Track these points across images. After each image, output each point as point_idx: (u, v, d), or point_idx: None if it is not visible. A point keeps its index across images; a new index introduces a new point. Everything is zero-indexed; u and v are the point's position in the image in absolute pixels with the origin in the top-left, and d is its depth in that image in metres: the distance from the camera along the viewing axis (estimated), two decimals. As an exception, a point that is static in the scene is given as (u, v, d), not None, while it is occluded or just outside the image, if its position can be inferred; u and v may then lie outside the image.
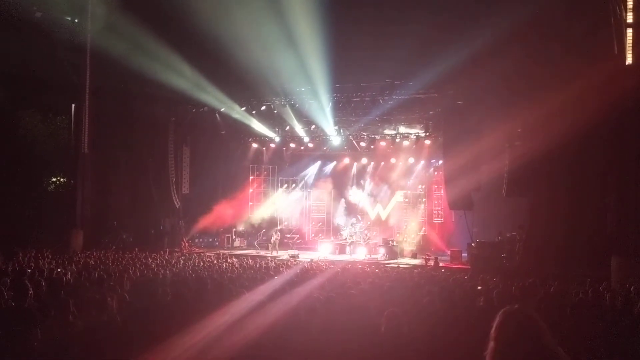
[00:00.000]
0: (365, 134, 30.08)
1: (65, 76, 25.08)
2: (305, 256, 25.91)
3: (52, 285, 9.02)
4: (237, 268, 16.90)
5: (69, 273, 12.34)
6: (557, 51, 19.32)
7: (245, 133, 31.41)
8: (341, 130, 29.89)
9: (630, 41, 17.61)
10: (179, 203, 30.07)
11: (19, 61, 22.50)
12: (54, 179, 29.98)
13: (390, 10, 23.10)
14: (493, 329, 2.92)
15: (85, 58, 24.99)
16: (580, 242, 19.35)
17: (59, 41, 24.72)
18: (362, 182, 32.16)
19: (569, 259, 18.84)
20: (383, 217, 30.91)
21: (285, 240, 30.74)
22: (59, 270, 13.15)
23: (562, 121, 17.78)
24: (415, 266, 22.97)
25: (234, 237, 31.42)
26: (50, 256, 17.77)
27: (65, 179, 29.15)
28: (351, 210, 31.72)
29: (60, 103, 26.90)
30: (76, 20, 25.26)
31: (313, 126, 29.74)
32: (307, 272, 15.13)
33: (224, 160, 31.37)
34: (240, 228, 31.83)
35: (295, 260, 23.42)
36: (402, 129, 29.07)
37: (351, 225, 29.78)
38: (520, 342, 2.81)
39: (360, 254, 27.16)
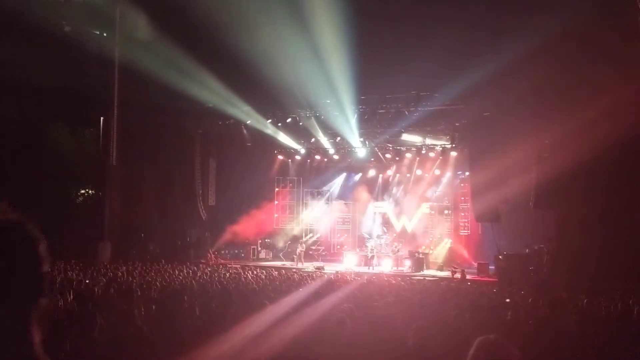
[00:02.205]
0: (390, 145, 30.03)
1: (93, 89, 25.43)
2: (330, 268, 25.84)
3: (81, 296, 9.11)
4: (262, 280, 16.91)
5: (98, 285, 12.44)
6: (587, 63, 19.12)
7: (271, 145, 31.55)
8: (366, 142, 29.89)
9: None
10: (205, 214, 30.28)
11: (49, 75, 22.86)
12: (83, 192, 30.36)
13: (417, 22, 23.09)
14: None
15: (114, 71, 25.35)
16: (609, 255, 19.05)
17: (88, 55, 25.10)
18: (387, 193, 32.04)
19: (599, 272, 18.54)
20: (409, 229, 30.72)
21: (311, 252, 30.71)
22: (87, 281, 13.29)
23: (593, 134, 17.55)
24: (441, 279, 22.78)
25: (259, 248, 31.48)
26: (78, 267, 17.95)
27: (93, 192, 29.52)
28: (377, 222, 31.62)
29: (89, 116, 27.31)
30: (105, 34, 25.66)
31: (338, 138, 29.80)
32: (332, 284, 15.07)
33: (250, 172, 31.48)
34: (266, 240, 31.89)
35: (320, 272, 23.38)
36: (428, 141, 28.99)
37: (377, 237, 29.69)
38: None
39: (386, 266, 27.04)
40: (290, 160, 32.86)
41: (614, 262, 18.78)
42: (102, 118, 26.51)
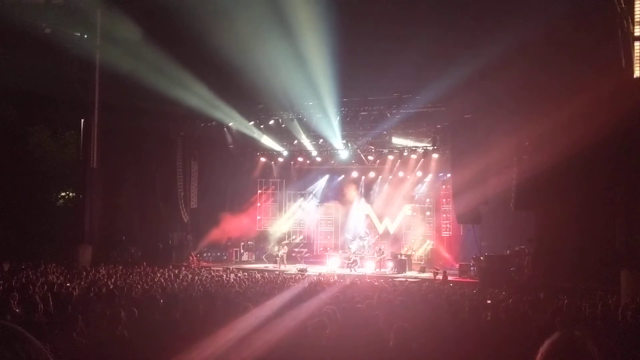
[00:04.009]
0: (373, 147, 30.11)
1: (74, 92, 25.27)
2: (313, 270, 25.83)
3: (60, 300, 9.04)
4: (245, 282, 16.88)
5: (78, 288, 12.36)
6: (564, 64, 19.32)
7: (253, 147, 31.48)
8: (349, 144, 29.91)
9: (638, 55, 17.60)
10: (187, 217, 30.14)
11: (29, 77, 22.68)
12: (63, 194, 30.13)
13: (397, 25, 23.18)
14: (539, 355, 2.46)
15: (94, 73, 25.20)
16: (589, 255, 19.27)
17: (68, 57, 24.93)
18: (370, 195, 32.09)
19: (579, 273, 18.75)
20: (391, 231, 30.80)
21: (294, 255, 30.67)
22: (67, 285, 13.19)
23: (570, 134, 17.74)
24: (423, 280, 22.86)
25: (242, 251, 31.38)
26: (58, 271, 17.81)
27: (74, 194, 29.29)
28: (360, 223, 31.65)
29: (70, 118, 27.09)
30: (85, 36, 25.49)
31: (321, 140, 29.80)
32: (315, 287, 15.08)
33: (232, 174, 31.40)
34: (249, 242, 31.81)
35: (303, 275, 23.35)
36: (410, 143, 29.09)
37: (359, 239, 29.72)
38: None
39: (368, 268, 27.09)
40: (273, 162, 32.77)
41: (590, 262, 19.00)
42: (82, 120, 26.29)
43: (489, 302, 12.12)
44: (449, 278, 22.97)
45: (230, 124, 29.23)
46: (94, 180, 26.27)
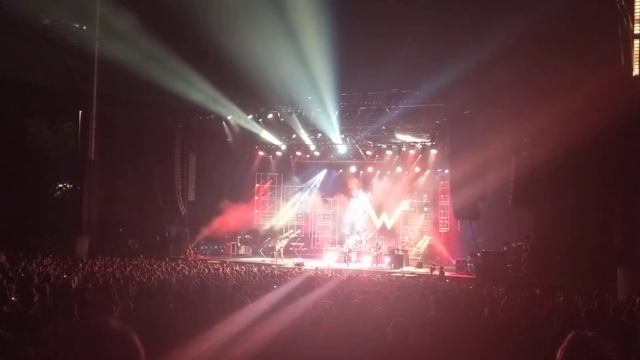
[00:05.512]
0: (371, 142, 30.11)
1: (72, 83, 25.17)
2: (310, 264, 25.85)
3: (57, 291, 9.02)
4: (242, 276, 16.86)
5: (74, 279, 12.34)
6: (563, 61, 19.30)
7: (251, 141, 31.51)
8: (347, 139, 29.92)
9: (638, 52, 17.60)
10: (184, 210, 30.15)
11: (28, 68, 22.59)
12: (61, 185, 30.05)
13: (397, 20, 23.12)
14: (559, 352, 2.56)
15: (93, 65, 25.10)
16: (586, 253, 19.31)
17: (67, 48, 24.82)
18: (368, 190, 32.08)
19: (575, 270, 18.79)
20: (389, 226, 30.81)
21: (291, 249, 30.67)
22: (64, 276, 13.17)
23: (568, 131, 17.76)
24: (420, 275, 22.89)
25: (239, 244, 31.41)
26: (55, 262, 17.79)
27: (71, 186, 29.22)
28: (357, 218, 31.66)
29: (68, 109, 27.02)
30: (84, 27, 25.39)
31: (319, 134, 29.82)
32: (312, 281, 15.07)
33: (230, 168, 31.41)
34: (246, 236, 31.82)
35: (300, 269, 23.36)
36: (409, 138, 29.08)
37: (357, 234, 29.73)
38: None
39: (365, 263, 27.12)
40: (271, 156, 32.79)
41: (587, 259, 19.03)
42: (80, 112, 26.20)
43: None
44: (446, 274, 22.99)
45: (229, 118, 29.22)
46: (91, 172, 26.17)
